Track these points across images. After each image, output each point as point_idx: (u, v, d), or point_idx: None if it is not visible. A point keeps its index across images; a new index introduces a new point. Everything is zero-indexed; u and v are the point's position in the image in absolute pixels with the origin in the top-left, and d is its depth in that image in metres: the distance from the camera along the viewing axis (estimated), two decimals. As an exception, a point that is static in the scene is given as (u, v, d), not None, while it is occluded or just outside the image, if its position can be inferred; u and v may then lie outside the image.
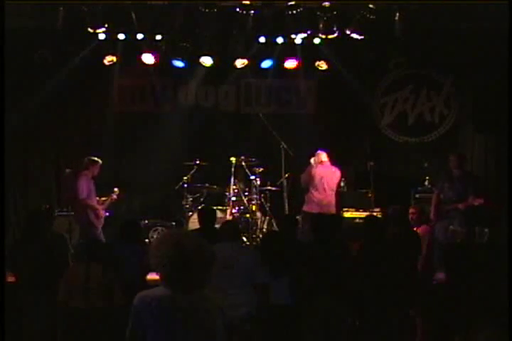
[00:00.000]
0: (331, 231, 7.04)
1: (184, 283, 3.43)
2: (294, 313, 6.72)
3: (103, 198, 9.85)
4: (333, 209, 10.06)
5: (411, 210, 8.21)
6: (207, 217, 7.67)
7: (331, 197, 10.20)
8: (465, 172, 9.78)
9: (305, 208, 10.19)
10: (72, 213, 10.38)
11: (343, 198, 10.78)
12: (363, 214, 10.42)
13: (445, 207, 9.16)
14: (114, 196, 9.84)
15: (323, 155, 10.31)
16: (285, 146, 10.63)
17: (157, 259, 3.44)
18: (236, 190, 10.63)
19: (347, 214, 10.49)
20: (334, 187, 10.28)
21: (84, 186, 9.50)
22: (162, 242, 3.48)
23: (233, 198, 10.57)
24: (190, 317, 3.42)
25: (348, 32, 10.07)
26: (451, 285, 7.11)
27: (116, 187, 9.93)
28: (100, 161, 9.83)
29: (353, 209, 10.60)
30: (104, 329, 6.17)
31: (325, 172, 10.24)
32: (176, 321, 3.41)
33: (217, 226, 7.75)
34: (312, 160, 10.30)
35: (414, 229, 8.00)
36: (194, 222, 10.12)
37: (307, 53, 10.84)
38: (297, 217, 10.13)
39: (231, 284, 6.21)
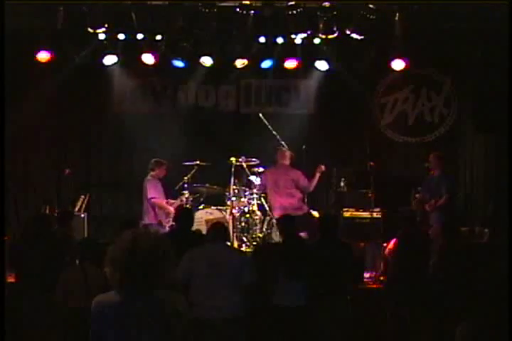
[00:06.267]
0: (334, 231, 7.07)
1: (138, 284, 3.34)
2: (307, 314, 6.76)
3: (172, 200, 10.38)
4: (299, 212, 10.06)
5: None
6: (182, 218, 7.62)
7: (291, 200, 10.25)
8: (442, 172, 9.90)
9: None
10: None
11: (343, 198, 10.77)
12: (363, 214, 10.44)
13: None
14: (184, 199, 10.40)
15: (285, 154, 10.40)
16: (285, 146, 10.62)
17: (110, 264, 3.37)
18: (236, 190, 10.62)
19: (347, 214, 10.48)
20: (288, 189, 10.27)
21: (152, 186, 10.11)
22: (114, 249, 3.39)
23: (233, 198, 10.56)
24: (143, 323, 3.33)
25: (348, 32, 10.06)
26: (451, 285, 7.13)
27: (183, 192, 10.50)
28: (165, 162, 10.30)
29: (353, 209, 10.58)
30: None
31: (277, 174, 10.33)
32: (129, 327, 3.32)
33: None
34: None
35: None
36: (194, 222, 10.12)
37: (307, 53, 10.82)
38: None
39: (219, 285, 6.23)
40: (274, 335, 6.87)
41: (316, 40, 10.49)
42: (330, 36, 10.14)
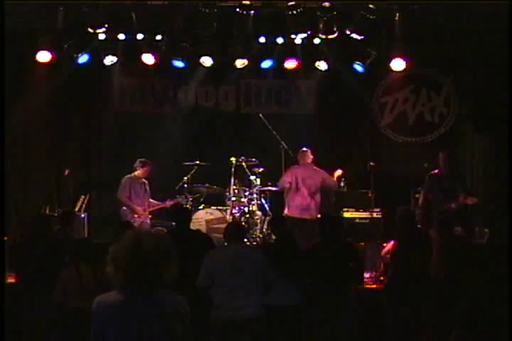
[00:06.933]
0: (336, 232, 7.07)
1: (140, 285, 3.35)
2: (305, 313, 6.76)
3: (154, 201, 10.35)
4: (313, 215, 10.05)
5: (418, 211, 8.16)
6: (178, 216, 7.63)
7: (312, 202, 10.18)
8: (452, 171, 9.81)
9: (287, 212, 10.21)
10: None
11: (343, 198, 10.78)
12: (363, 214, 10.45)
13: (436, 208, 9.15)
14: (170, 202, 10.31)
15: (309, 154, 10.34)
16: (285, 146, 10.63)
17: (112, 263, 3.36)
18: (236, 190, 10.63)
19: (347, 214, 10.49)
20: (315, 189, 10.20)
21: (126, 186, 10.07)
22: (117, 249, 3.39)
23: (233, 198, 10.57)
24: (144, 323, 3.33)
25: (348, 32, 10.07)
26: (450, 285, 7.13)
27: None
28: (149, 163, 10.19)
29: (353, 209, 10.59)
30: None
31: (307, 173, 10.25)
32: (131, 326, 3.33)
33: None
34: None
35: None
36: (194, 222, 10.12)
37: (307, 53, 10.82)
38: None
39: (241, 285, 6.21)
40: (270, 335, 6.87)
41: (316, 40, 10.49)
42: (330, 36, 10.14)
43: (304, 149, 10.39)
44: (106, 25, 9.99)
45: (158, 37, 10.45)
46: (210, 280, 6.28)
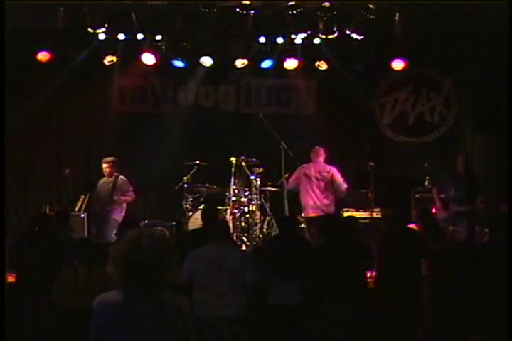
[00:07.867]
0: (341, 232, 7.04)
1: (140, 284, 3.34)
2: (304, 313, 6.76)
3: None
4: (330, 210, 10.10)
5: (414, 212, 8.14)
6: (208, 216, 7.67)
7: (324, 197, 10.21)
8: (469, 173, 9.83)
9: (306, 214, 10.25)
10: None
11: (343, 198, 10.77)
12: (363, 214, 10.45)
13: (453, 207, 9.18)
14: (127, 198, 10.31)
15: (320, 152, 10.36)
16: (285, 146, 10.62)
17: (113, 263, 3.36)
18: (236, 190, 10.63)
19: (347, 214, 10.48)
20: (325, 185, 10.23)
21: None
22: (117, 249, 3.39)
23: (233, 198, 10.57)
24: (146, 322, 3.33)
25: (348, 32, 10.08)
26: (449, 285, 7.13)
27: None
28: (103, 162, 10.34)
29: (353, 209, 10.60)
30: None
31: (316, 169, 10.27)
32: (132, 326, 3.32)
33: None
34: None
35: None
36: (194, 222, 10.13)
37: (307, 53, 10.85)
38: (299, 218, 10.21)
39: (220, 284, 6.20)
40: (269, 334, 6.87)
41: (316, 40, 10.51)
42: (330, 36, 10.16)
43: (316, 147, 10.41)
44: (106, 25, 10.01)
45: (158, 37, 10.47)
46: (189, 278, 6.24)
